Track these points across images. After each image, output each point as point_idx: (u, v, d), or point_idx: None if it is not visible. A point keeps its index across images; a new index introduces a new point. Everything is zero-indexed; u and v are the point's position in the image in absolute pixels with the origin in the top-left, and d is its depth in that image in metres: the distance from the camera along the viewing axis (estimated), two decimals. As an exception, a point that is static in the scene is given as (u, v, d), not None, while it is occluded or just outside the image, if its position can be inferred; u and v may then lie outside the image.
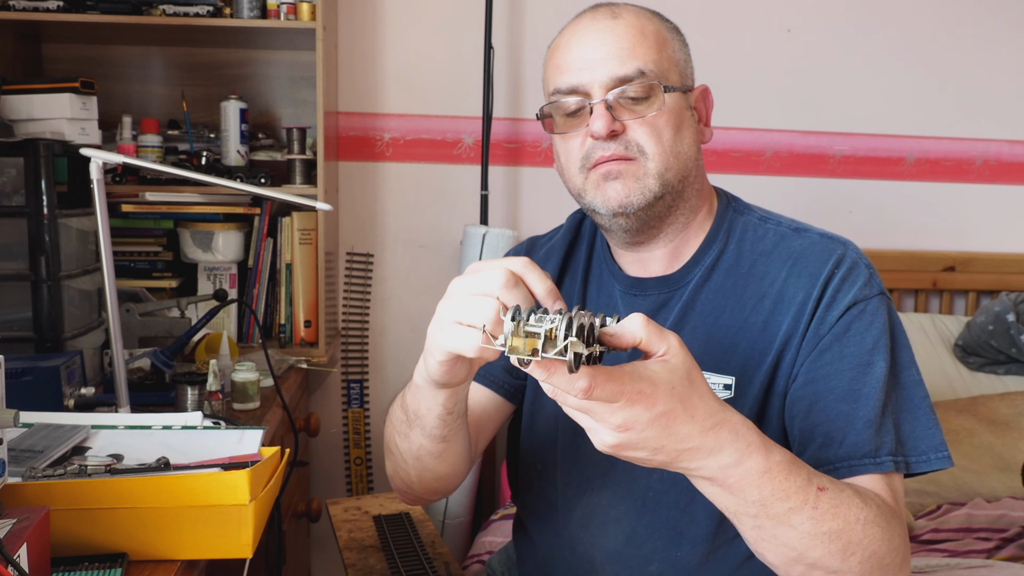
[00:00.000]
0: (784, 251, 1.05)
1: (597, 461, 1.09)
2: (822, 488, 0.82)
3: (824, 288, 1.00)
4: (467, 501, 2.23)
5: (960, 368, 2.37)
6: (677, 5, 2.41)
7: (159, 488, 0.89)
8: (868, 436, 0.93)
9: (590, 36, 1.02)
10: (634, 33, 1.01)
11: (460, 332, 0.78)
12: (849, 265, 1.02)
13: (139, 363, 1.60)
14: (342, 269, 2.38)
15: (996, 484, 1.97)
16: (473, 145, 2.38)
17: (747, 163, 2.47)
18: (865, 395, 0.95)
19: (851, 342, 0.98)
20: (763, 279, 1.04)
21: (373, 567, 1.34)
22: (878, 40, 2.47)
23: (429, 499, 1.13)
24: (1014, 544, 1.74)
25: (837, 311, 0.99)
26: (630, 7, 1.05)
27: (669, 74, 1.02)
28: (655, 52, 1.01)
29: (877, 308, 1.00)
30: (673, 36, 1.06)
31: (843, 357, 0.98)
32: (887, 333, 0.99)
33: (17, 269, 1.53)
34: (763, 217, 1.10)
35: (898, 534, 0.87)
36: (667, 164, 1.01)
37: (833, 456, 0.94)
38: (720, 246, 1.08)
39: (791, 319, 1.01)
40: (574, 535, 1.12)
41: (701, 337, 1.04)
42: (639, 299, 1.09)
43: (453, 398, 0.93)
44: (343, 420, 2.43)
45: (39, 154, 1.52)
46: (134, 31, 2.07)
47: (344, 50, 2.32)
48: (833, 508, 0.82)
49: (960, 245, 2.57)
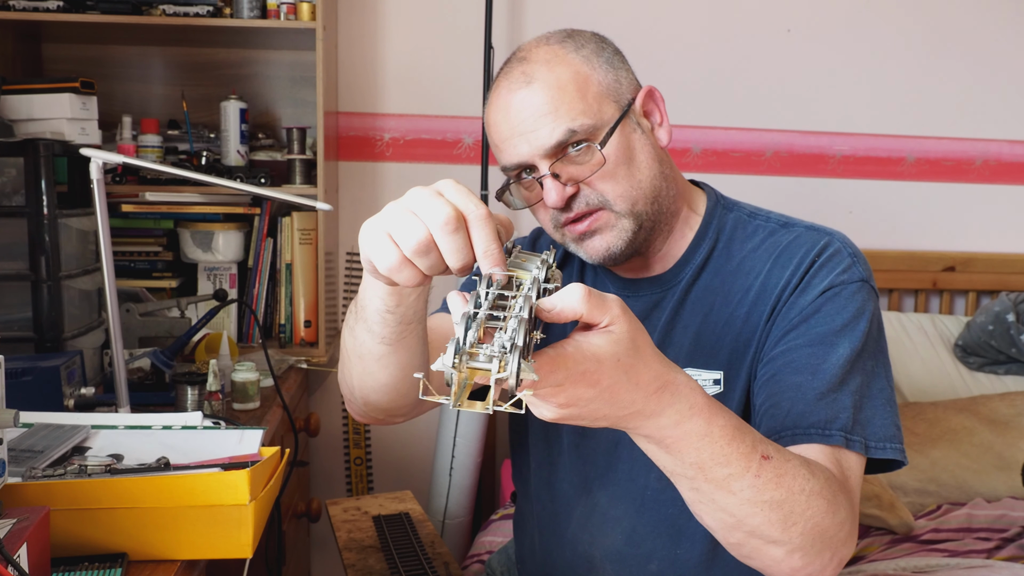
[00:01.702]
0: (770, 245, 1.06)
1: (596, 460, 1.10)
2: (766, 456, 0.79)
3: (803, 274, 1.01)
4: (467, 501, 2.23)
5: (960, 368, 2.37)
6: (677, 6, 2.42)
7: (159, 488, 0.89)
8: (818, 408, 0.92)
9: (513, 107, 1.00)
10: (551, 93, 0.99)
11: (383, 244, 0.72)
12: (831, 253, 1.02)
13: (139, 363, 1.60)
14: (342, 269, 2.38)
15: (996, 484, 1.97)
16: (473, 145, 2.38)
17: (747, 163, 2.47)
18: (823, 370, 0.94)
19: (819, 321, 0.98)
20: (749, 273, 1.05)
21: (372, 567, 1.34)
22: (878, 40, 2.47)
23: (373, 417, 1.04)
24: (1014, 544, 1.74)
25: (811, 295, 0.99)
26: (539, 55, 1.02)
27: (602, 111, 1.00)
28: (579, 102, 0.99)
29: (854, 293, 0.99)
30: (594, 61, 1.02)
31: (807, 333, 0.97)
32: (864, 320, 0.98)
33: (17, 269, 1.53)
34: (752, 213, 1.11)
35: (844, 507, 0.84)
36: (632, 199, 1.02)
37: (779, 425, 0.92)
38: (710, 244, 1.09)
39: (770, 306, 1.02)
40: (574, 535, 1.12)
41: (692, 334, 1.06)
42: (632, 300, 1.10)
43: (395, 297, 0.84)
44: (343, 420, 2.43)
45: (39, 154, 1.52)
46: (134, 31, 2.07)
47: (344, 50, 2.32)
48: (776, 477, 0.79)
49: (960, 245, 2.57)
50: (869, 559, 1.71)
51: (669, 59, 2.37)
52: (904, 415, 2.12)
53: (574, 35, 1.05)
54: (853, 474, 0.91)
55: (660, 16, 2.37)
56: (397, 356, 0.91)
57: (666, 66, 2.36)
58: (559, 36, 1.05)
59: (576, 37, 1.05)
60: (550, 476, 1.16)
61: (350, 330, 0.94)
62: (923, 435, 2.06)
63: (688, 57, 2.38)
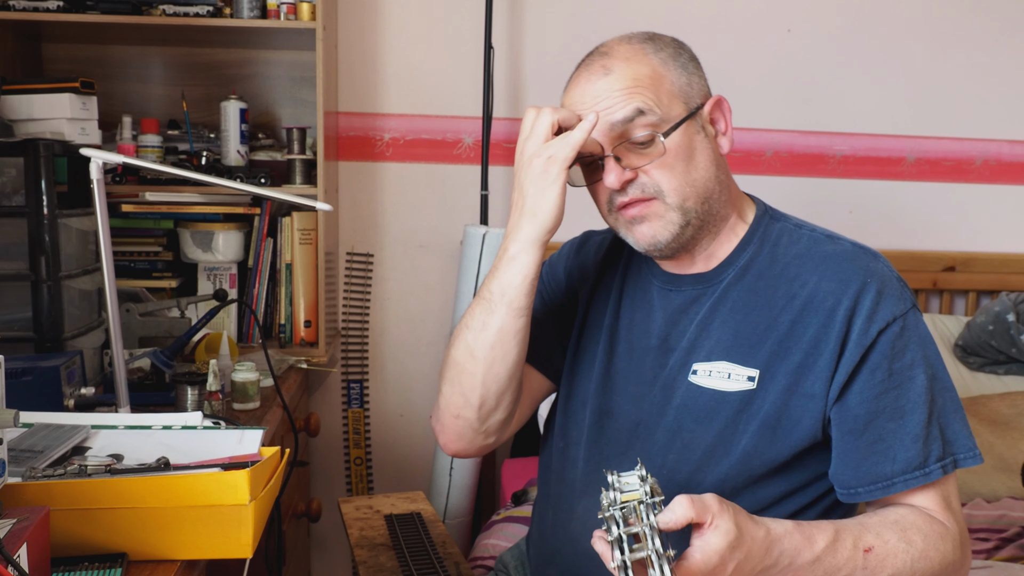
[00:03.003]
0: (817, 255, 1.09)
1: (618, 440, 1.14)
2: (868, 549, 0.95)
3: (858, 300, 1.04)
4: (467, 501, 2.23)
5: (960, 368, 2.37)
6: (677, 6, 2.42)
7: (159, 488, 0.89)
8: (916, 450, 1.01)
9: (589, 94, 1.07)
10: (627, 83, 1.05)
11: (561, 141, 1.01)
12: (882, 278, 1.06)
13: (139, 363, 1.60)
14: (342, 269, 2.38)
15: (996, 484, 1.97)
16: (473, 145, 2.38)
17: (747, 163, 2.47)
18: (910, 411, 1.02)
19: (896, 358, 1.04)
20: (794, 281, 1.08)
21: (384, 565, 1.35)
22: (878, 40, 2.47)
23: (488, 427, 1.15)
24: (1013, 544, 1.74)
25: (877, 327, 1.04)
26: (620, 51, 1.08)
27: (671, 108, 1.06)
28: (652, 92, 1.05)
29: (915, 322, 1.06)
30: (670, 64, 1.08)
31: (891, 375, 1.03)
32: (923, 344, 1.06)
33: (17, 269, 1.53)
34: (798, 224, 1.15)
35: (949, 545, 1.00)
36: (684, 195, 1.06)
37: (889, 472, 1.02)
38: (755, 249, 1.12)
39: (820, 323, 1.05)
40: (585, 510, 1.15)
41: (730, 330, 1.09)
42: (674, 294, 1.14)
43: (542, 255, 1.07)
44: (343, 420, 2.43)
45: (39, 154, 1.52)
46: (134, 31, 2.07)
47: (344, 50, 2.32)
48: (881, 562, 0.95)
49: (960, 245, 2.57)
50: (869, 559, 1.71)
51: (669, 59, 2.37)
52: (904, 415, 2.12)
53: (655, 38, 1.11)
54: (952, 494, 1.04)
55: (660, 16, 2.37)
56: (523, 336, 1.10)
57: (666, 66, 2.36)
58: (640, 37, 1.11)
59: (656, 40, 1.11)
60: (569, 455, 1.19)
61: (478, 331, 1.09)
62: (923, 435, 2.06)
63: (688, 57, 2.38)
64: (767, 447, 1.05)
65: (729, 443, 1.06)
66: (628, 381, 1.15)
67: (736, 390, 1.06)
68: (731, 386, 1.06)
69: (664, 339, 1.13)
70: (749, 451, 1.05)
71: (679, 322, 1.13)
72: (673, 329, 1.13)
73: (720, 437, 1.06)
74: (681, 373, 1.10)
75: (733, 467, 1.05)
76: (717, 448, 1.06)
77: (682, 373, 1.10)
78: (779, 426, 1.04)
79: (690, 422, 1.08)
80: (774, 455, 1.05)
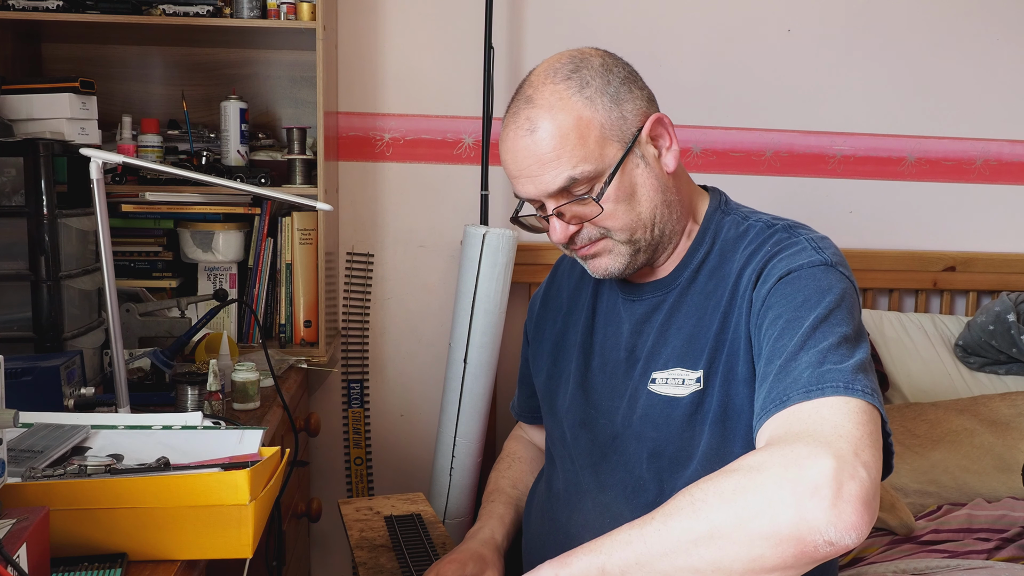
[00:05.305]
0: (748, 244, 1.09)
1: (595, 450, 1.17)
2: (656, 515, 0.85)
3: (762, 267, 1.04)
4: (467, 501, 2.23)
5: (960, 368, 2.37)
6: (677, 6, 2.42)
7: (159, 488, 0.89)
8: (778, 384, 0.92)
9: (519, 153, 1.07)
10: (554, 143, 1.04)
11: None
12: (782, 243, 1.05)
13: (139, 363, 1.60)
14: (342, 269, 2.38)
15: (996, 484, 1.97)
16: (473, 145, 2.38)
17: (747, 163, 2.47)
18: (789, 349, 0.94)
19: (779, 303, 0.99)
20: (728, 275, 1.09)
21: (384, 566, 1.35)
22: (878, 40, 2.47)
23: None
24: (1014, 544, 1.74)
25: (770, 283, 1.02)
26: (543, 97, 1.04)
27: (604, 155, 1.04)
28: (580, 148, 1.03)
29: (815, 274, 1.00)
30: (597, 101, 1.04)
31: (776, 320, 0.98)
32: (831, 294, 0.98)
33: (17, 269, 1.53)
34: (745, 215, 1.15)
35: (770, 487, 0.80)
36: (632, 230, 1.08)
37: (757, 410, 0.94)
38: (706, 249, 1.13)
39: (730, 303, 1.06)
40: (568, 518, 1.18)
41: (684, 335, 1.10)
42: (636, 304, 1.16)
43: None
44: (343, 420, 2.43)
45: (39, 154, 1.52)
46: (134, 31, 2.07)
47: (344, 50, 2.32)
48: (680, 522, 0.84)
49: (960, 245, 2.57)
50: (869, 561, 1.71)
51: (669, 59, 2.37)
52: (904, 416, 2.12)
53: (579, 69, 1.06)
54: (817, 421, 0.86)
55: (660, 16, 2.37)
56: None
57: (666, 66, 2.36)
58: (565, 72, 1.06)
59: (582, 72, 1.05)
60: (555, 467, 1.23)
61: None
62: (923, 436, 2.06)
63: (688, 57, 2.38)
64: (722, 443, 1.05)
65: (690, 446, 1.07)
66: (602, 395, 1.17)
67: (688, 394, 1.07)
68: (683, 391, 1.07)
69: (631, 350, 1.15)
70: (709, 451, 1.05)
71: (642, 331, 1.14)
72: (638, 339, 1.15)
73: (680, 442, 1.07)
74: (642, 383, 1.12)
75: (697, 470, 1.06)
76: (680, 453, 1.07)
77: (643, 383, 1.12)
78: (727, 419, 1.05)
79: (651, 430, 1.09)
80: (732, 449, 1.04)
